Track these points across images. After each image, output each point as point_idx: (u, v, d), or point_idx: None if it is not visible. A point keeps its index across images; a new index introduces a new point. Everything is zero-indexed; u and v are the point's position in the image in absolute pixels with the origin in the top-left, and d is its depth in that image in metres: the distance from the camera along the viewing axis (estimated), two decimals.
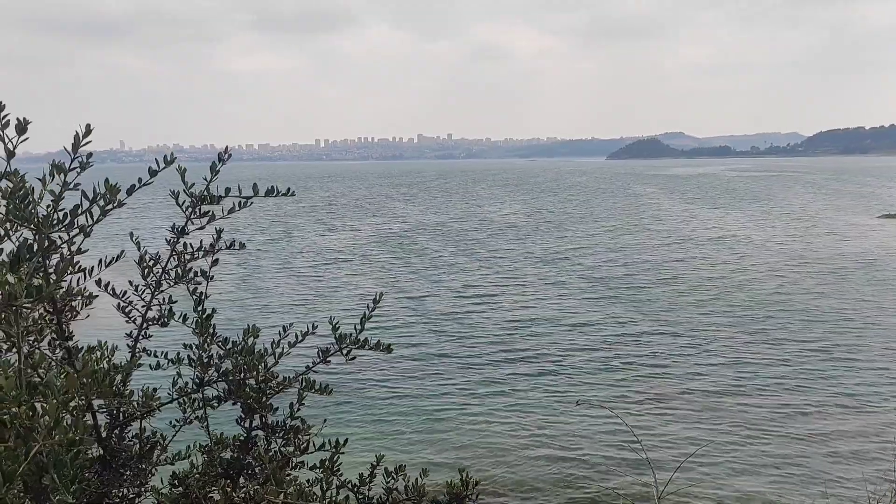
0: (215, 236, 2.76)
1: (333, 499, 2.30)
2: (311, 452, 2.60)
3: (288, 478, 2.40)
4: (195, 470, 2.59)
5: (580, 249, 45.45)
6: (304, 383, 2.64)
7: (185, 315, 2.76)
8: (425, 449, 15.37)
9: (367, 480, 2.52)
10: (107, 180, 2.16)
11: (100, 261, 2.58)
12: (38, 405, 1.87)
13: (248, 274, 37.80)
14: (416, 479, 2.56)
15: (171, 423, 2.79)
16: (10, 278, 1.89)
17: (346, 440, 2.60)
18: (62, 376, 1.96)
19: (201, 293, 2.78)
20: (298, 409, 2.69)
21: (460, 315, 27.81)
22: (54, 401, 1.83)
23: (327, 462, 2.53)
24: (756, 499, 13.17)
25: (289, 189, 2.71)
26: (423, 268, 39.23)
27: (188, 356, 2.77)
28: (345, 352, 2.68)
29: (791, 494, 13.22)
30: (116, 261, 2.64)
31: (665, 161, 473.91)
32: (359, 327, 2.69)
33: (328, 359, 2.70)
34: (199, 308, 2.78)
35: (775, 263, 38.51)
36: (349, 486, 2.46)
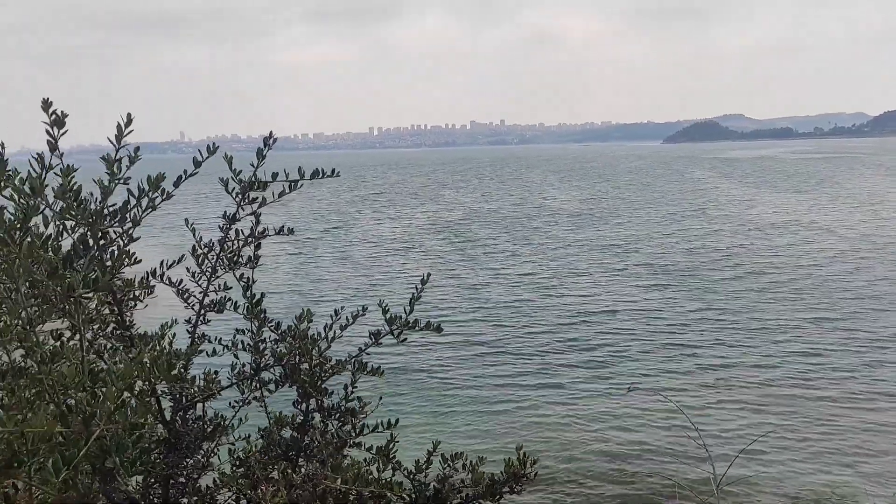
0: (255, 222, 2.79)
1: (389, 481, 2.31)
2: (367, 434, 2.63)
3: (345, 460, 2.42)
4: (255, 451, 2.63)
5: (638, 236, 44.67)
6: (356, 366, 2.66)
7: (236, 302, 2.81)
8: (479, 436, 15.39)
9: (424, 467, 2.53)
10: (149, 176, 2.21)
11: (161, 262, 2.65)
12: (99, 391, 1.93)
13: (306, 262, 38.41)
14: (474, 464, 2.55)
15: (230, 405, 2.85)
16: (67, 273, 1.95)
17: (397, 420, 2.62)
18: (121, 363, 2.01)
19: (248, 279, 2.83)
20: (353, 392, 2.72)
21: (516, 303, 27.70)
22: (113, 387, 1.88)
23: (383, 448, 2.55)
24: (821, 491, 12.77)
25: (333, 170, 2.73)
26: (477, 256, 39.20)
27: (242, 342, 2.82)
28: (395, 333, 2.70)
29: (858, 487, 12.78)
30: (178, 263, 2.71)
31: (723, 144, 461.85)
32: (408, 309, 2.70)
33: (380, 341, 2.72)
34: (248, 293, 2.82)
35: (843, 249, 37.13)
36: (405, 472, 2.47)
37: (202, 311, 2.71)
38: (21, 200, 2.05)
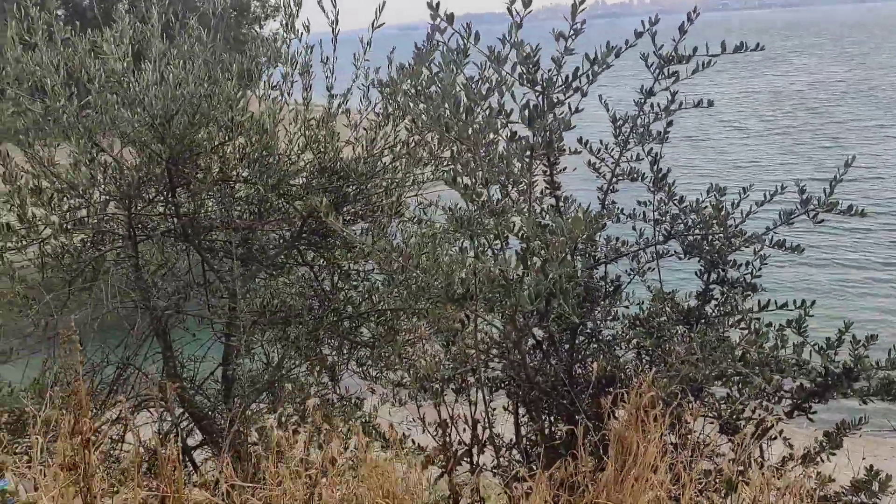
0: (670, 99, 2.85)
1: (798, 355, 2.35)
2: (773, 310, 2.67)
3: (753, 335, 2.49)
4: (654, 315, 2.85)
5: None
6: (772, 241, 2.67)
7: (644, 174, 2.96)
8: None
9: (835, 345, 2.51)
10: (608, 42, 2.37)
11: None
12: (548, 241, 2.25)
13: (700, 136, 35.66)
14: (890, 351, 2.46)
15: (626, 272, 3.07)
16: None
17: (813, 302, 2.60)
18: (566, 220, 2.31)
19: (656, 153, 2.95)
20: (760, 269, 2.75)
21: None
22: (563, 238, 2.18)
23: (794, 321, 2.57)
24: None
25: (758, 44, 2.66)
26: None
27: (643, 213, 3.00)
28: (811, 215, 2.64)
29: None
30: None
31: None
32: (827, 190, 2.61)
33: (791, 221, 2.69)
34: (655, 167, 2.95)
35: None
36: (816, 347, 2.49)
37: (613, 180, 2.92)
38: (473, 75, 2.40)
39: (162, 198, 3.85)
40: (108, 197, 3.75)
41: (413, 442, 2.93)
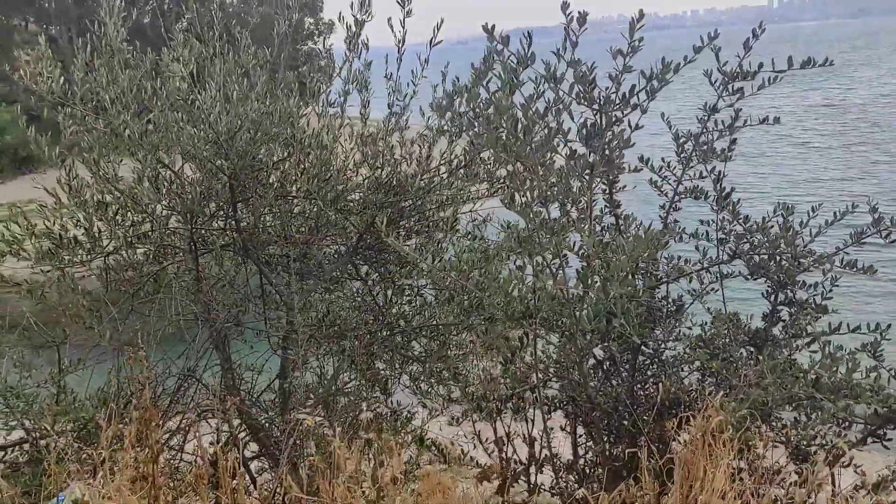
0: (734, 116, 2.79)
1: (876, 380, 2.26)
2: (843, 333, 2.58)
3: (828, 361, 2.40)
4: (717, 336, 2.77)
5: None
6: (843, 262, 2.59)
7: (707, 193, 2.90)
8: None
9: None
10: (663, 58, 2.33)
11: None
12: (610, 259, 2.23)
13: (755, 151, 34.53)
14: None
15: (689, 292, 3.00)
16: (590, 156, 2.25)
17: (889, 325, 2.51)
18: (629, 239, 2.28)
19: (720, 172, 2.89)
20: (830, 290, 2.67)
21: None
22: (624, 256, 2.15)
23: (868, 346, 2.48)
24: None
25: (826, 59, 2.59)
26: None
27: (706, 231, 2.93)
28: (883, 234, 2.54)
29: None
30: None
31: None
32: None
33: (862, 241, 2.60)
34: (718, 186, 2.89)
35: None
36: (893, 372, 2.39)
37: (675, 198, 2.87)
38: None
39: (222, 212, 3.93)
40: (170, 211, 3.84)
41: (464, 455, 2.91)
